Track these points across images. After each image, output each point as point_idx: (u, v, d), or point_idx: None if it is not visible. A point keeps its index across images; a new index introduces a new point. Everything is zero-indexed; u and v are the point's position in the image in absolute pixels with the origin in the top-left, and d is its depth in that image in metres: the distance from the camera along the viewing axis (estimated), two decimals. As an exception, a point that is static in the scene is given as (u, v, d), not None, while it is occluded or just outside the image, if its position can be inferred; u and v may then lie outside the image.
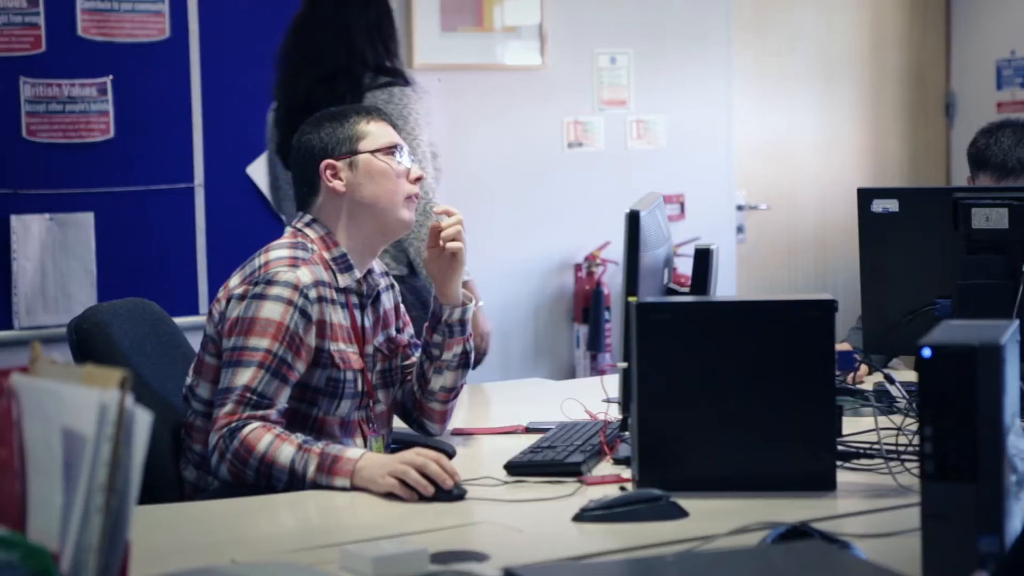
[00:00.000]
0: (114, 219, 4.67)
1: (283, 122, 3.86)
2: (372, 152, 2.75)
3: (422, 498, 2.36)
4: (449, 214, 2.81)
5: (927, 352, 1.79)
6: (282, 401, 2.60)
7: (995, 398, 1.77)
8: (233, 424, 2.54)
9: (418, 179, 2.79)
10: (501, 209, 5.58)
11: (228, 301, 2.66)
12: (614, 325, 5.65)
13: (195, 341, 2.84)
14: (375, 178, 2.74)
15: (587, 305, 5.69)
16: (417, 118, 3.74)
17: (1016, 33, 6.33)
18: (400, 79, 3.83)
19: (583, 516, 2.22)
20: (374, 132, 2.76)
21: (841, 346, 3.06)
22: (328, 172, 2.74)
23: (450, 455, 2.73)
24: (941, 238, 2.90)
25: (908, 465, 2.41)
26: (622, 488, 2.40)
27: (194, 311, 4.66)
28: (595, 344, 5.69)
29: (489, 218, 5.50)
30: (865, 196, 3.03)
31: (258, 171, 4.83)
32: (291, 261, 2.67)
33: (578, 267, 5.74)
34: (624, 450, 2.59)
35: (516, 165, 5.63)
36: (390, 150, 2.77)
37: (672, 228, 3.98)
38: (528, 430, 2.94)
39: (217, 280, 3.98)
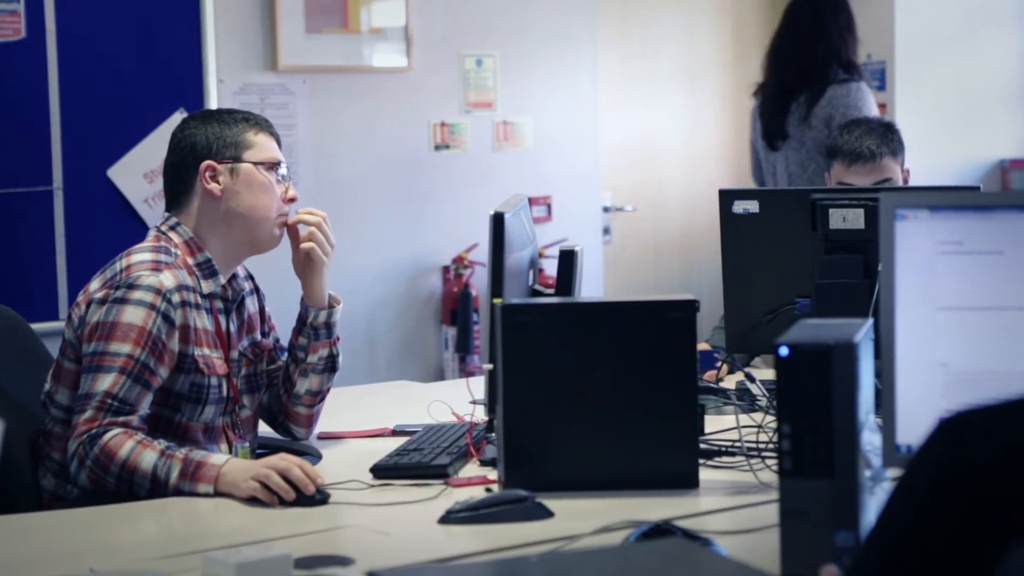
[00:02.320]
0: (-31, 223, 4.56)
1: (765, 109, 4.89)
2: (255, 163, 2.73)
3: (284, 503, 2.34)
4: (310, 213, 2.80)
5: (784, 351, 1.82)
6: (144, 407, 2.56)
7: (850, 395, 1.81)
8: (93, 431, 2.50)
9: (292, 199, 2.77)
10: (368, 211, 5.56)
11: (88, 305, 2.62)
12: (483, 327, 5.66)
13: (54, 347, 2.78)
14: (253, 190, 2.72)
15: (455, 307, 5.70)
16: (869, 110, 4.70)
17: (871, 36, 6.47)
18: (857, 75, 4.80)
19: (449, 518, 2.22)
20: (260, 144, 2.74)
21: (700, 346, 3.10)
22: (207, 173, 2.71)
23: (316, 459, 2.71)
24: (800, 238, 2.96)
25: (769, 462, 2.44)
26: (488, 489, 2.40)
27: (53, 316, 4.56)
28: (464, 346, 5.69)
29: (356, 220, 5.47)
30: (726, 197, 3.07)
31: (119, 174, 4.75)
32: (153, 265, 2.63)
33: (446, 269, 5.74)
34: (490, 451, 2.59)
35: (383, 167, 5.61)
36: (273, 165, 2.74)
37: (539, 230, 4.00)
38: (395, 433, 2.93)
39: (77, 285, 3.91)
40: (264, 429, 2.92)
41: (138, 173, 4.78)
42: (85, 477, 2.49)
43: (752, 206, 3.03)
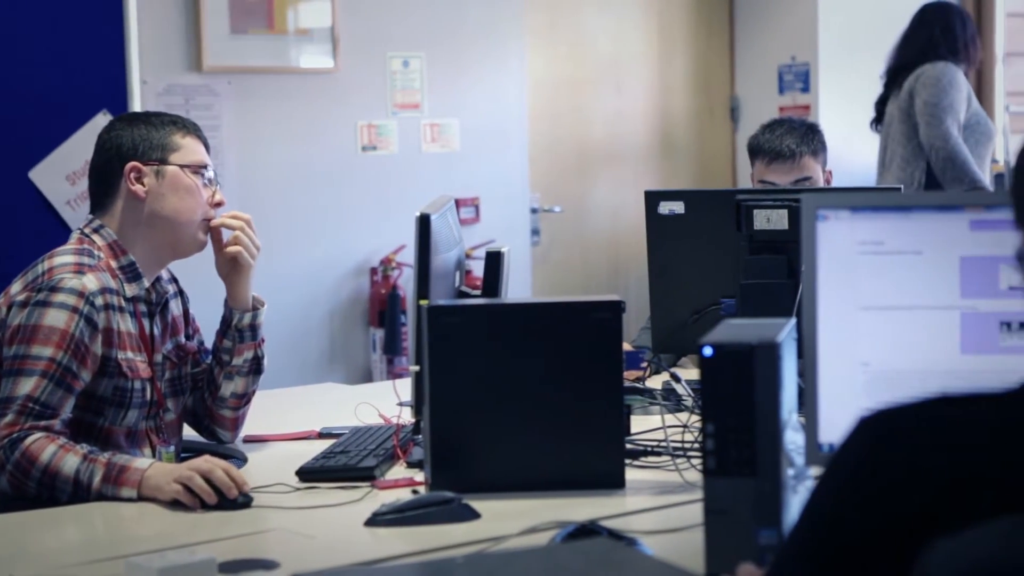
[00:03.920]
0: None
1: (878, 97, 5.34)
2: (181, 166, 2.70)
3: (207, 506, 2.32)
4: (235, 217, 2.79)
5: (708, 351, 1.83)
6: (66, 411, 2.53)
7: (773, 394, 1.82)
8: (14, 435, 2.47)
9: (219, 204, 2.75)
10: (295, 213, 5.54)
11: (9, 308, 2.59)
12: (410, 328, 5.64)
13: (-27, 351, 2.74)
14: (179, 192, 2.70)
15: (383, 308, 5.69)
16: (948, 81, 5.08)
17: (796, 40, 6.54)
18: (955, 59, 5.16)
19: (375, 520, 2.21)
20: (187, 146, 2.72)
21: (624, 346, 3.12)
22: (132, 175, 2.68)
23: (241, 462, 2.69)
24: (726, 239, 2.98)
25: (694, 462, 2.46)
26: (414, 491, 2.40)
27: (-26, 320, 4.50)
28: (392, 348, 5.68)
29: (283, 222, 5.45)
30: (652, 198, 3.09)
31: (41, 176, 4.69)
32: (76, 267, 2.60)
33: (374, 271, 5.72)
34: (417, 453, 2.59)
35: (310, 169, 5.59)
36: (199, 169, 2.72)
37: (467, 231, 4.00)
38: (321, 435, 2.92)
39: (-2, 287, 3.85)
40: (189, 433, 2.89)
41: (60, 175, 4.72)
42: (6, 482, 2.46)
43: (678, 207, 3.05)
